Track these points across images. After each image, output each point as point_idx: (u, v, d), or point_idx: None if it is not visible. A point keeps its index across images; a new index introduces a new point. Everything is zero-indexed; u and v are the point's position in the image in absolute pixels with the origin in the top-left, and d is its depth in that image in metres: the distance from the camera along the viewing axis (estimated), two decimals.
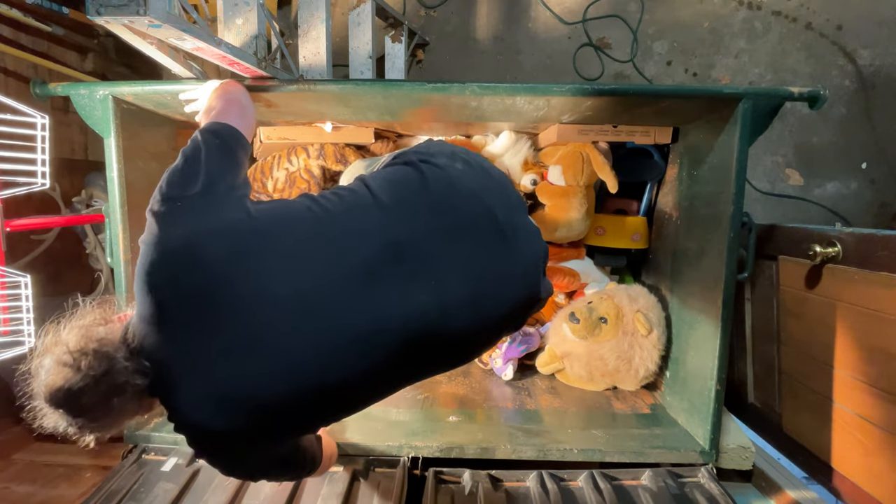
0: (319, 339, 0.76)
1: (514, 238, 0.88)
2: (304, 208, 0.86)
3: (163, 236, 0.79)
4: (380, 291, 0.78)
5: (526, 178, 1.77)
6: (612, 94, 1.29)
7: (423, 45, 2.43)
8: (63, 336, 0.76)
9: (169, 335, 0.75)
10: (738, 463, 1.41)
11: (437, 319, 0.80)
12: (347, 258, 0.80)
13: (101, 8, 0.84)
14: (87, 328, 0.77)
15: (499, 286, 0.85)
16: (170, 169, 0.90)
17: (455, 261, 0.82)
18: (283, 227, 0.82)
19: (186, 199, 0.83)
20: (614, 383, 1.66)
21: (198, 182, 0.85)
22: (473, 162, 0.94)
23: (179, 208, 0.82)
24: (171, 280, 0.77)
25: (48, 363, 0.73)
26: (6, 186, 1.26)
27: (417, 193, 0.87)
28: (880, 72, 2.28)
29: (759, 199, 2.37)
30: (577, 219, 1.70)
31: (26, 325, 1.29)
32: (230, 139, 0.96)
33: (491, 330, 0.90)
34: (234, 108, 1.04)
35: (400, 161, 0.96)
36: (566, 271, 1.80)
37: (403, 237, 0.82)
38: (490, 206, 0.87)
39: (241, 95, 1.13)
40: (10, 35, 1.69)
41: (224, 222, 0.81)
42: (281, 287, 0.77)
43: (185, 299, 0.76)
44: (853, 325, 1.20)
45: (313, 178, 1.76)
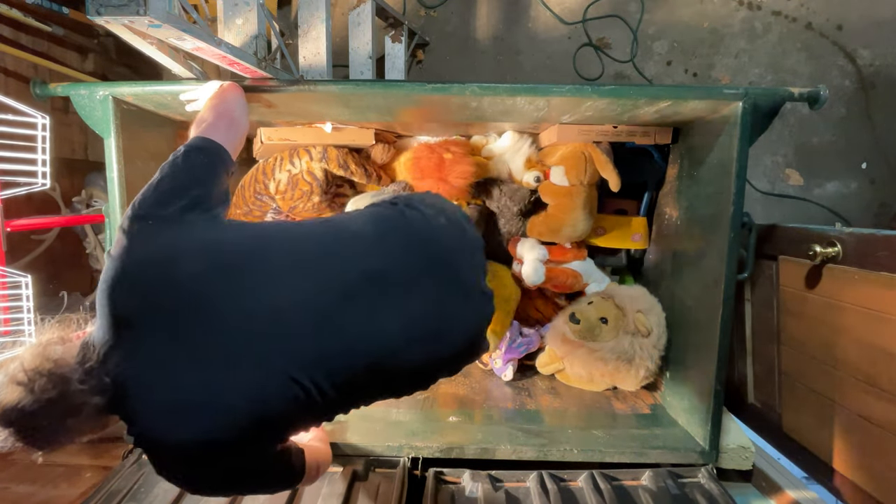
0: (290, 355, 0.78)
1: (471, 296, 0.98)
2: (283, 228, 0.90)
3: (132, 252, 0.79)
4: (351, 315, 0.82)
5: (529, 175, 1.76)
6: (612, 94, 1.29)
7: (423, 45, 2.43)
8: (20, 353, 0.75)
9: (132, 348, 0.75)
10: (738, 463, 1.41)
11: (400, 349, 0.86)
12: (326, 280, 0.83)
13: (101, 8, 0.84)
14: (45, 347, 0.76)
15: (453, 332, 0.94)
16: (147, 185, 0.89)
17: (422, 300, 0.89)
18: (260, 245, 0.85)
19: (160, 217, 0.83)
20: (614, 383, 1.66)
21: (176, 202, 0.85)
22: (454, 221, 1.03)
23: (151, 227, 0.82)
24: (140, 295, 0.77)
25: (1, 379, 0.72)
26: (6, 186, 1.26)
27: (400, 233, 0.94)
28: (880, 72, 2.28)
29: (759, 199, 2.38)
30: (581, 218, 1.70)
31: (27, 324, 1.29)
32: (215, 157, 0.97)
33: (438, 367, 0.98)
34: (222, 122, 1.04)
35: (394, 202, 1.02)
36: (569, 272, 1.80)
37: (381, 268, 0.87)
38: (458, 264, 0.97)
39: (235, 106, 1.11)
40: (10, 35, 1.69)
41: (199, 241, 0.82)
42: (255, 303, 0.78)
43: (153, 314, 0.76)
44: (853, 325, 1.20)
45: (316, 181, 1.75)
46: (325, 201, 1.83)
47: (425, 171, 1.74)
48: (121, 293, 0.77)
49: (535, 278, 1.70)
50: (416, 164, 1.76)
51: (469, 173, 1.70)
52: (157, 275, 0.77)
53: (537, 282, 1.72)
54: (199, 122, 1.04)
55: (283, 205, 1.82)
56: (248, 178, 1.85)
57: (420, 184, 1.77)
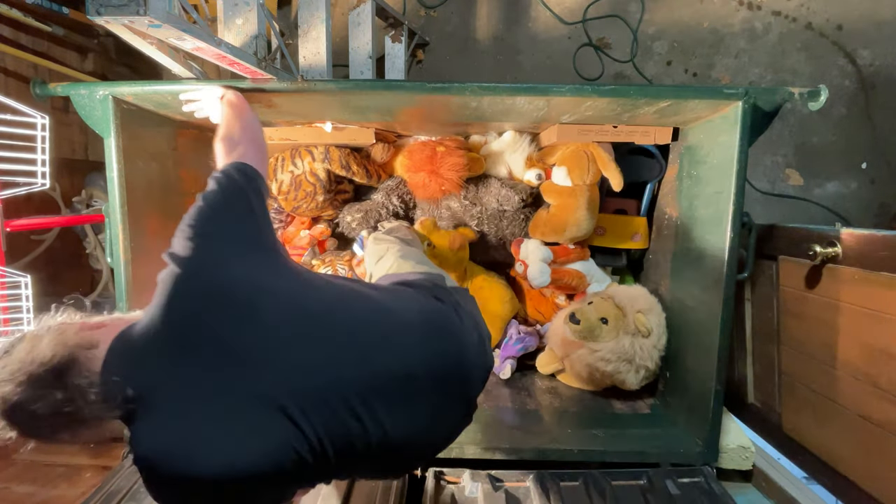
0: (312, 422, 0.74)
1: (470, 413, 0.97)
2: (344, 298, 0.87)
3: (208, 268, 0.77)
4: (374, 407, 0.79)
5: (530, 173, 1.77)
6: (612, 94, 1.29)
7: (423, 45, 2.43)
8: (36, 334, 0.71)
9: (169, 364, 0.71)
10: (738, 463, 1.41)
11: (399, 448, 0.84)
12: (366, 367, 0.80)
13: (101, 8, 0.84)
14: (65, 334, 0.72)
15: (446, 439, 0.95)
16: (203, 207, 0.83)
17: (433, 411, 0.87)
18: (324, 311, 0.82)
19: (231, 244, 0.80)
20: (614, 383, 1.66)
21: (256, 230, 0.83)
22: (482, 339, 1.00)
23: (219, 251, 0.79)
24: (197, 313, 0.73)
25: (12, 370, 0.68)
26: (6, 186, 1.26)
27: (441, 341, 0.91)
28: (880, 72, 2.28)
29: (759, 199, 2.38)
30: (585, 218, 1.70)
31: (27, 325, 1.29)
32: (263, 187, 0.92)
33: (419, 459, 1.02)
34: (255, 148, 1.00)
35: (442, 298, 0.98)
36: (574, 273, 1.80)
37: (415, 372, 0.84)
38: (472, 385, 0.95)
39: (256, 124, 1.09)
40: (10, 35, 1.69)
41: (268, 285, 0.78)
42: (300, 371, 0.75)
43: (205, 335, 0.72)
44: (853, 325, 1.20)
45: (319, 182, 1.76)
46: (328, 200, 1.83)
47: (418, 163, 1.75)
48: (184, 308, 0.74)
49: (540, 280, 1.69)
50: (410, 157, 1.77)
51: (460, 165, 1.70)
52: (222, 299, 0.74)
53: (543, 284, 1.71)
54: (228, 143, 1.00)
55: (287, 205, 1.82)
56: None
57: (413, 176, 1.77)
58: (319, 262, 1.81)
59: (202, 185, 0.87)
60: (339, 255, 1.83)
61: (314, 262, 1.82)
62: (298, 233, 1.90)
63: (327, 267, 1.79)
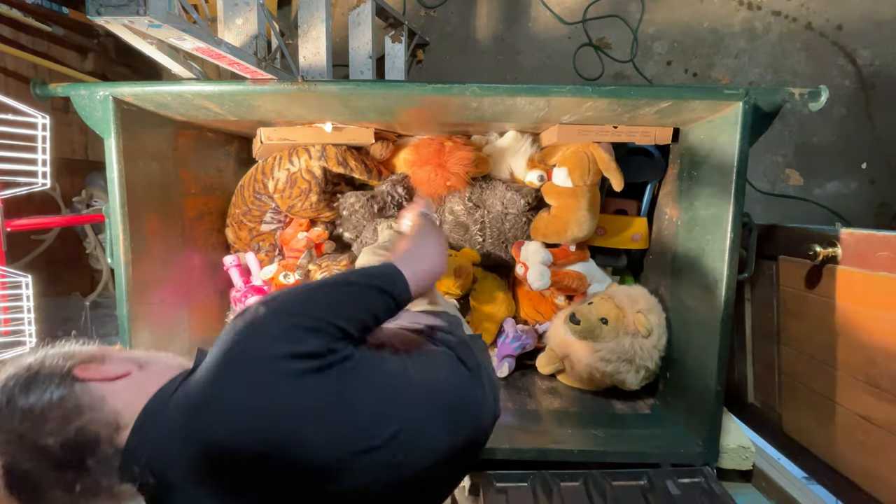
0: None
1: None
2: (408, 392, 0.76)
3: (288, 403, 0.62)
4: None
5: (532, 174, 1.76)
6: (612, 94, 1.29)
7: (423, 45, 2.43)
8: (43, 398, 0.61)
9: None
10: (738, 463, 1.41)
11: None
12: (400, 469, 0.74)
13: (101, 8, 0.84)
14: (76, 406, 0.62)
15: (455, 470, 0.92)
16: (305, 295, 0.70)
17: (443, 482, 0.86)
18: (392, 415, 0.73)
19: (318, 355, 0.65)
20: (614, 383, 1.66)
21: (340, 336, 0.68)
22: (497, 396, 1.00)
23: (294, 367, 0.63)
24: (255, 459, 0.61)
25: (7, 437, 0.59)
26: (6, 186, 1.26)
27: (467, 416, 0.88)
28: (880, 72, 2.28)
29: (759, 199, 2.38)
30: (586, 218, 1.69)
31: (27, 325, 1.29)
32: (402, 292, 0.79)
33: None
34: (424, 262, 0.87)
35: (471, 367, 0.93)
36: (574, 275, 1.79)
37: (442, 450, 0.79)
38: (479, 450, 0.95)
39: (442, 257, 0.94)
40: (10, 35, 1.69)
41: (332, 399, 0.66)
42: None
43: (260, 471, 0.62)
44: (853, 325, 1.20)
45: (314, 179, 1.76)
46: (324, 200, 1.83)
47: (424, 157, 1.72)
48: (239, 453, 0.61)
49: (541, 283, 1.69)
50: (416, 152, 1.75)
51: (468, 159, 1.69)
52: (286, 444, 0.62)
53: (543, 287, 1.70)
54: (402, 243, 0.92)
55: (282, 203, 1.82)
56: (248, 178, 1.85)
57: (418, 172, 1.75)
58: (316, 267, 1.80)
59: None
60: (336, 260, 1.81)
61: (311, 267, 1.81)
62: (296, 235, 1.90)
63: (324, 272, 1.77)
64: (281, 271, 1.77)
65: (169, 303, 1.57)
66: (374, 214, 1.82)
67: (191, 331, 1.68)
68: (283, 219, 1.94)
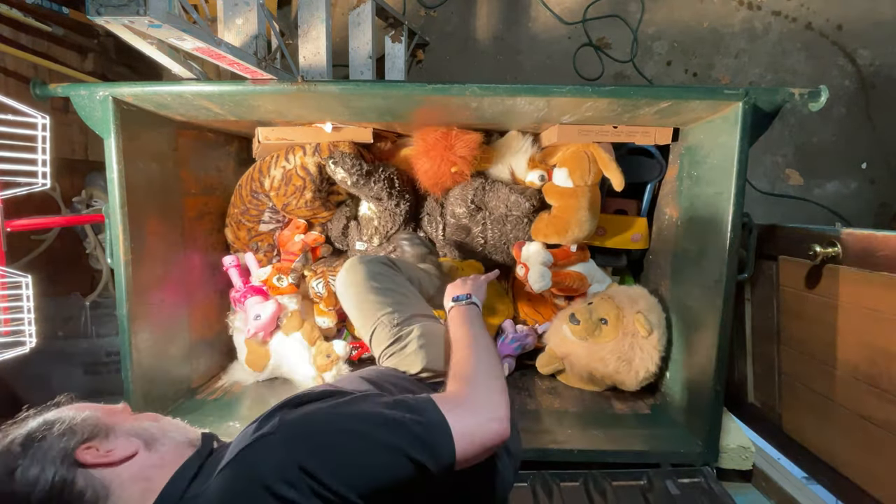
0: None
1: None
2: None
3: None
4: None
5: (533, 174, 1.76)
6: (612, 94, 1.29)
7: (423, 45, 2.43)
8: (43, 478, 0.58)
9: None
10: (738, 463, 1.41)
11: None
12: None
13: (101, 8, 0.84)
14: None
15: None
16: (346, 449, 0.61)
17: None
18: None
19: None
20: (614, 384, 1.66)
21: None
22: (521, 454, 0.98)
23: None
24: None
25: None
26: (6, 186, 1.26)
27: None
28: (880, 72, 2.28)
29: (759, 199, 2.38)
30: (587, 218, 1.69)
31: (27, 325, 1.29)
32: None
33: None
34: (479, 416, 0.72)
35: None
36: (575, 275, 1.79)
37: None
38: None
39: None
40: (10, 35, 1.69)
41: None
42: None
43: None
44: (853, 325, 1.20)
45: (309, 176, 1.75)
46: (319, 199, 1.83)
47: (431, 142, 1.67)
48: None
49: (542, 284, 1.68)
50: (423, 138, 1.69)
51: (476, 142, 1.66)
52: None
53: (545, 288, 1.70)
54: (458, 382, 0.77)
55: (278, 202, 1.82)
56: (246, 178, 1.85)
57: (425, 160, 1.71)
58: (311, 273, 1.78)
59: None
60: (331, 266, 1.80)
61: (306, 272, 1.80)
62: (293, 237, 1.89)
63: (319, 279, 1.75)
64: (274, 274, 1.76)
65: (169, 303, 1.57)
66: (362, 176, 1.68)
67: (191, 331, 1.68)
68: (281, 219, 1.94)
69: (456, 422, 0.64)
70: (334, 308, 1.79)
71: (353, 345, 1.88)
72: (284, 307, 1.77)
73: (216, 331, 1.84)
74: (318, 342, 1.74)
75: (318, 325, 1.81)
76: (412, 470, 0.61)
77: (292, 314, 1.77)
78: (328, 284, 1.74)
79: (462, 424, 0.65)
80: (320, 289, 1.73)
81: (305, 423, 0.62)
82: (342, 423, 0.63)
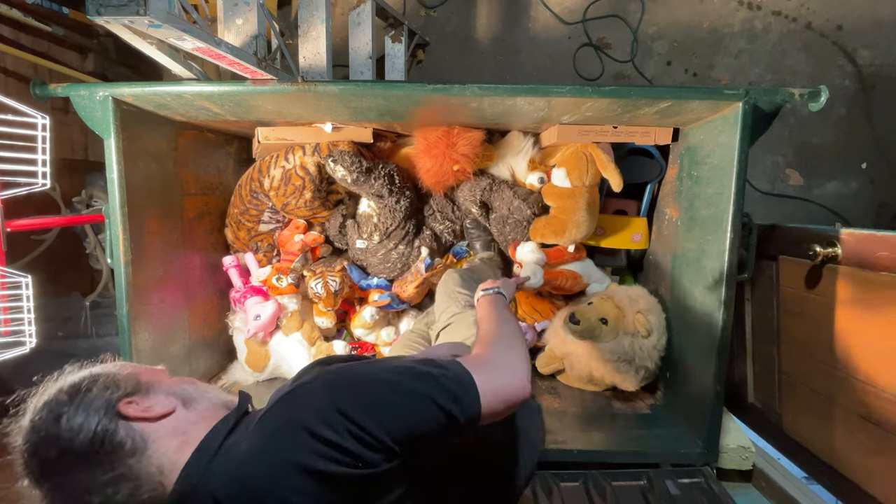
0: None
1: None
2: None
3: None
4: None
5: (532, 176, 1.76)
6: (612, 94, 1.29)
7: (423, 45, 2.43)
8: (86, 427, 0.61)
9: None
10: (738, 463, 1.41)
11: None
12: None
13: (101, 8, 0.84)
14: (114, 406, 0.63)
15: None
16: (376, 396, 0.64)
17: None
18: None
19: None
20: (614, 384, 1.66)
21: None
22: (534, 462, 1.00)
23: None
24: None
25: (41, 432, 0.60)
26: (6, 186, 1.26)
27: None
28: (880, 72, 2.28)
29: (759, 199, 2.38)
30: (585, 219, 1.70)
31: (27, 325, 1.29)
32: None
33: None
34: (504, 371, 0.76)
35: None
36: (569, 274, 1.80)
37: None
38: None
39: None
40: (10, 35, 1.69)
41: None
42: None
43: None
44: (853, 325, 1.20)
45: (308, 175, 1.75)
46: (319, 199, 1.82)
47: (433, 141, 1.66)
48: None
49: (533, 282, 1.70)
50: (424, 137, 1.69)
51: (478, 140, 1.67)
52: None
53: (536, 285, 1.71)
54: (482, 346, 0.81)
55: (277, 201, 1.81)
56: (245, 178, 1.85)
57: (426, 157, 1.71)
58: (310, 273, 1.78)
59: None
60: (331, 267, 1.79)
61: (305, 272, 1.80)
62: (293, 237, 1.89)
63: (317, 279, 1.74)
64: (274, 274, 1.76)
65: (169, 303, 1.57)
66: (362, 173, 1.68)
67: (190, 331, 1.68)
68: (281, 219, 1.94)
69: (481, 378, 0.68)
70: (333, 308, 1.79)
71: (353, 345, 1.88)
72: (284, 307, 1.77)
73: (216, 331, 1.84)
74: (318, 342, 1.74)
75: (317, 325, 1.81)
76: (443, 419, 0.64)
77: (292, 314, 1.77)
78: (327, 285, 1.73)
79: (486, 380, 0.68)
80: (319, 289, 1.73)
81: (344, 374, 0.66)
82: (378, 374, 0.67)
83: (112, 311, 1.84)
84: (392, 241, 1.82)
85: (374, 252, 1.85)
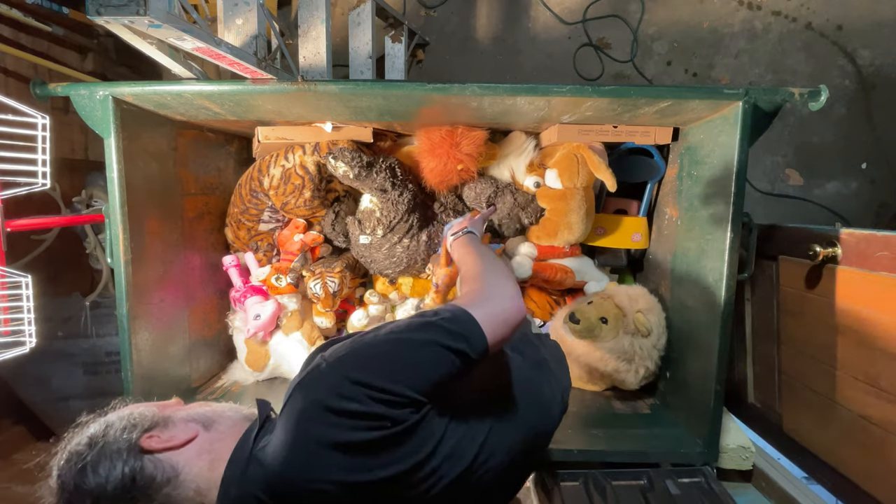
0: None
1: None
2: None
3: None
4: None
5: (529, 179, 1.76)
6: (612, 94, 1.28)
7: (423, 45, 2.43)
8: (112, 475, 0.62)
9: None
10: (738, 463, 1.41)
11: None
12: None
13: (101, 8, 0.84)
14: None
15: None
16: (379, 353, 0.67)
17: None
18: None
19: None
20: (614, 383, 1.66)
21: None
22: (566, 397, 1.00)
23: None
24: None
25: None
26: (6, 186, 1.26)
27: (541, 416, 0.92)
28: (880, 72, 2.28)
29: (759, 199, 2.38)
30: (577, 221, 1.70)
31: (27, 325, 1.29)
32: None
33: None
34: (498, 308, 0.77)
35: (535, 358, 0.98)
36: (558, 268, 1.79)
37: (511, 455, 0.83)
38: (550, 432, 0.95)
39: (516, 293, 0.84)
40: (10, 35, 1.69)
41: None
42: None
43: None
44: (853, 325, 1.20)
45: (308, 175, 1.75)
46: (318, 198, 1.82)
47: (436, 140, 1.66)
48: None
49: (520, 272, 1.72)
50: (427, 136, 1.68)
51: (481, 138, 1.66)
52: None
53: (523, 276, 1.73)
54: (469, 283, 0.83)
55: (276, 200, 1.81)
56: (245, 177, 1.85)
57: (429, 157, 1.70)
58: (309, 273, 1.77)
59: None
60: (330, 268, 1.78)
61: (304, 273, 1.79)
62: (292, 237, 1.89)
63: (316, 280, 1.73)
64: (273, 273, 1.76)
65: (169, 303, 1.57)
66: (363, 168, 1.67)
67: (191, 331, 1.68)
68: (281, 218, 1.94)
69: (480, 312, 0.70)
70: (332, 309, 1.78)
71: None
72: (284, 307, 1.77)
73: (216, 330, 1.84)
74: (318, 342, 1.74)
75: (317, 325, 1.81)
76: (454, 358, 0.66)
77: (292, 314, 1.77)
78: (325, 286, 1.73)
79: (483, 311, 0.71)
80: (318, 290, 1.73)
81: (346, 349, 0.67)
82: (378, 338, 0.68)
83: (112, 311, 1.84)
84: (396, 235, 1.82)
85: (378, 247, 1.84)
